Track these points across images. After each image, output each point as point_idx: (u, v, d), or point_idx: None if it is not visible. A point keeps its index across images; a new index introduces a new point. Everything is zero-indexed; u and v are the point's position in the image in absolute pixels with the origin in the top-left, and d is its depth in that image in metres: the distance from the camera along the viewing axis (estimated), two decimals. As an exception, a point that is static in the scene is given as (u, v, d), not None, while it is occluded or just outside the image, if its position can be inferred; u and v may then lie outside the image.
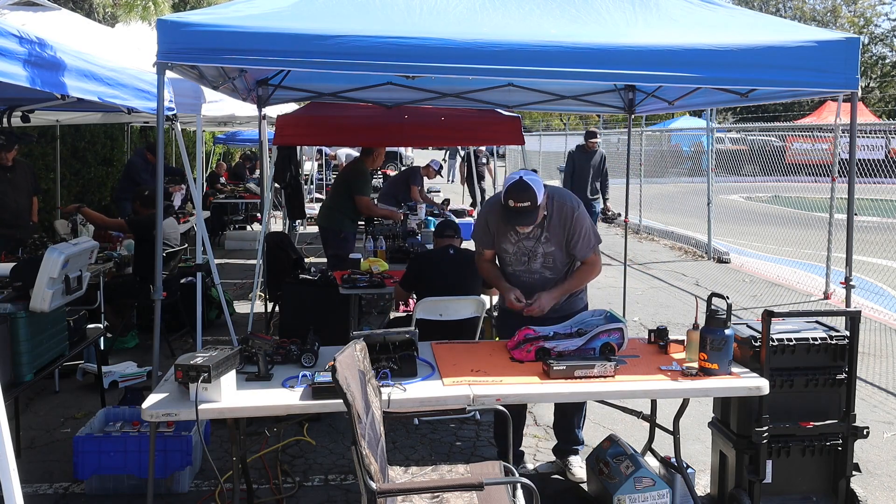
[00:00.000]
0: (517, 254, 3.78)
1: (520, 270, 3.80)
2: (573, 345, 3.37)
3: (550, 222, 3.70)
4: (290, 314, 5.54)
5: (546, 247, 3.73)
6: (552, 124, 33.03)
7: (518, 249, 3.77)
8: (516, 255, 3.78)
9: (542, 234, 3.72)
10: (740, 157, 16.22)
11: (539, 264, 3.76)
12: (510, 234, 3.75)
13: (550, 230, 3.71)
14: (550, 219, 3.70)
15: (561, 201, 3.73)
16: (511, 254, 3.79)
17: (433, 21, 3.42)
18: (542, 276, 3.78)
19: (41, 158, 9.59)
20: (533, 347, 3.37)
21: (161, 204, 3.60)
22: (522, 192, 3.48)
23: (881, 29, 36.98)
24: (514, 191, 3.49)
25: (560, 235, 3.71)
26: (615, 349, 3.41)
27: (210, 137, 17.28)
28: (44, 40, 3.16)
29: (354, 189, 6.81)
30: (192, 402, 2.74)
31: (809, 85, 3.55)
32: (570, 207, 3.72)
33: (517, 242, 3.75)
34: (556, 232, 3.71)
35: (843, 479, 3.58)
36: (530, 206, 3.49)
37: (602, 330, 3.42)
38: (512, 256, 3.80)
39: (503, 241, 3.79)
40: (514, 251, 3.78)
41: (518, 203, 3.48)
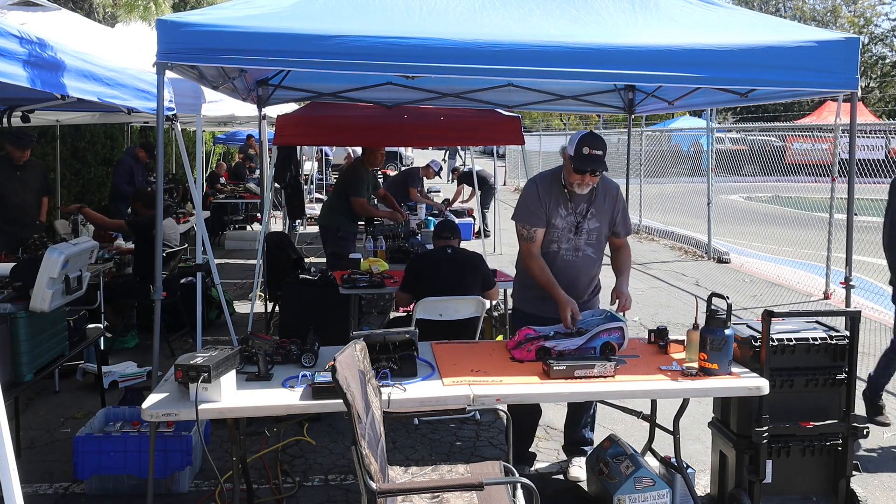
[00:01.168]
0: (565, 229, 3.78)
1: (565, 249, 3.81)
2: (573, 344, 3.38)
3: (597, 198, 3.79)
4: (290, 314, 5.54)
5: (591, 223, 3.80)
6: (552, 124, 33.03)
7: (566, 224, 3.78)
8: (564, 230, 3.79)
9: (588, 211, 3.78)
10: (740, 157, 16.20)
11: (583, 241, 3.81)
12: (560, 207, 3.76)
13: (597, 206, 3.79)
14: (597, 195, 3.79)
15: (606, 180, 3.84)
16: (560, 229, 3.79)
17: (433, 21, 3.42)
18: (584, 254, 3.82)
19: (41, 158, 9.58)
20: (534, 347, 3.37)
21: (161, 204, 3.60)
22: (597, 140, 3.63)
23: (881, 29, 36.99)
24: (589, 138, 3.63)
25: (606, 212, 3.82)
26: (616, 348, 3.42)
27: (210, 137, 17.29)
28: (44, 40, 3.16)
29: (350, 190, 6.83)
30: (192, 402, 2.74)
31: (809, 85, 3.55)
32: (615, 186, 3.89)
33: (566, 216, 3.77)
34: (602, 209, 3.81)
35: (843, 479, 3.58)
36: (603, 153, 3.61)
37: (602, 329, 3.42)
38: (560, 232, 3.79)
39: (554, 216, 3.78)
40: (563, 226, 3.78)
41: (593, 150, 3.58)
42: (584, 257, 3.83)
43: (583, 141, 3.62)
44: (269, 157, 8.56)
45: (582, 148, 3.60)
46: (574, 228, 3.78)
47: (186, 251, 6.96)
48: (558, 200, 3.77)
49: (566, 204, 3.77)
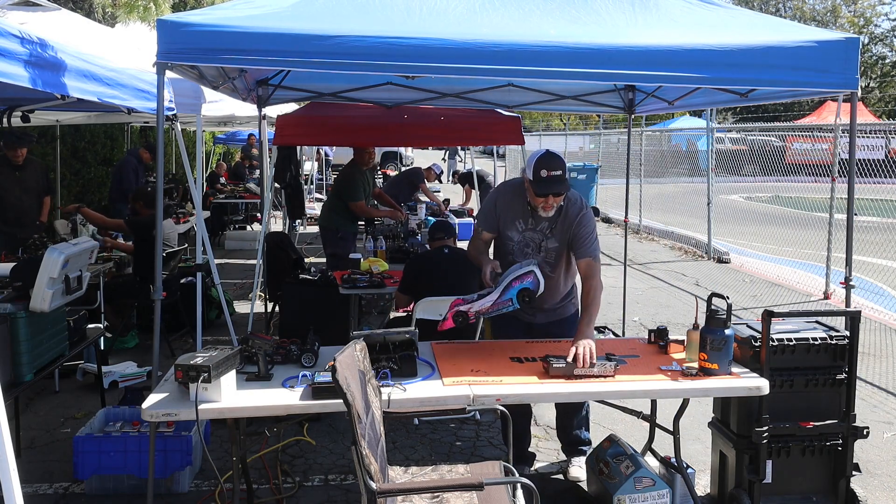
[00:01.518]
0: (521, 244, 3.73)
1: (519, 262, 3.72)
2: (489, 301, 3.30)
3: (561, 218, 3.68)
4: (290, 314, 5.54)
5: (551, 242, 3.71)
6: (552, 124, 33.03)
7: (523, 239, 3.72)
8: (520, 244, 3.73)
9: (549, 228, 3.69)
10: (740, 157, 16.20)
11: (542, 259, 3.72)
12: (518, 221, 3.70)
13: (559, 226, 3.69)
14: (562, 215, 3.68)
15: (571, 198, 3.71)
16: (516, 242, 3.73)
17: (433, 21, 3.42)
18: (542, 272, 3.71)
19: (41, 158, 9.58)
20: (450, 314, 3.31)
21: (161, 204, 3.59)
22: (554, 159, 3.50)
23: (881, 29, 36.99)
24: (545, 160, 3.49)
25: (565, 232, 3.69)
26: (533, 294, 3.30)
27: (210, 137, 17.28)
28: (44, 40, 3.16)
29: (346, 196, 6.83)
30: (192, 402, 2.74)
31: (809, 85, 3.54)
32: (577, 206, 3.71)
33: (523, 232, 3.71)
34: (562, 227, 3.69)
35: (843, 479, 3.58)
36: (562, 174, 3.48)
37: (513, 277, 3.32)
38: (516, 245, 3.74)
39: (509, 229, 3.73)
40: (520, 240, 3.73)
41: (551, 172, 3.46)
42: None
43: (539, 163, 3.48)
44: (269, 157, 8.55)
45: (540, 171, 3.47)
46: (533, 245, 3.71)
47: (186, 251, 6.96)
48: (517, 214, 3.69)
49: (526, 219, 3.69)
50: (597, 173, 16.90)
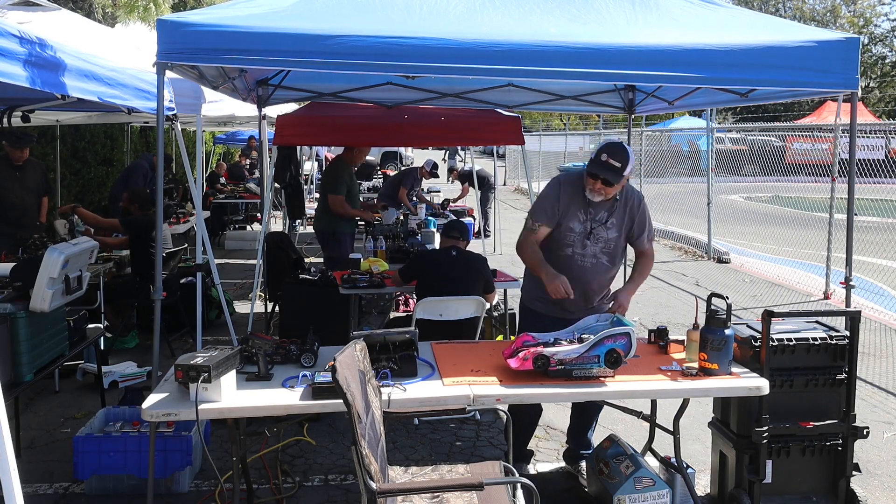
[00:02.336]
0: (581, 234, 3.74)
1: (580, 254, 3.77)
2: (575, 352, 3.12)
3: (618, 209, 3.76)
4: (290, 314, 5.54)
5: (611, 232, 3.76)
6: (552, 124, 33.03)
7: (584, 230, 3.74)
8: (580, 235, 3.74)
9: (608, 219, 3.74)
10: (740, 157, 16.21)
11: (599, 248, 3.76)
12: (580, 211, 3.72)
13: (617, 216, 3.76)
14: (619, 206, 3.76)
15: (630, 190, 3.82)
16: (576, 233, 3.74)
17: (433, 21, 3.42)
18: (598, 261, 3.77)
19: (41, 158, 9.59)
20: (531, 355, 3.12)
21: (161, 204, 3.60)
22: (620, 151, 3.57)
23: (881, 29, 37.01)
24: (611, 148, 3.59)
25: (625, 223, 3.78)
26: (621, 356, 3.13)
27: (210, 137, 17.28)
28: (44, 40, 3.16)
29: (328, 188, 6.80)
30: (192, 402, 2.74)
31: (809, 85, 3.54)
32: (637, 196, 3.85)
33: (584, 222, 3.73)
34: (621, 218, 3.77)
35: (843, 479, 3.58)
36: (621, 167, 3.55)
37: (607, 335, 3.15)
38: (576, 236, 3.74)
39: (571, 220, 3.73)
40: (580, 230, 3.74)
41: (611, 159, 3.54)
42: (598, 265, 3.78)
43: (604, 147, 3.59)
44: (269, 157, 8.55)
45: (601, 154, 3.58)
46: (592, 235, 3.74)
47: (186, 251, 6.96)
48: (578, 204, 3.73)
49: (585, 209, 3.73)
50: (597, 173, 16.84)
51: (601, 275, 3.80)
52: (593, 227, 3.74)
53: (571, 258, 3.77)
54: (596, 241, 3.75)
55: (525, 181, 17.54)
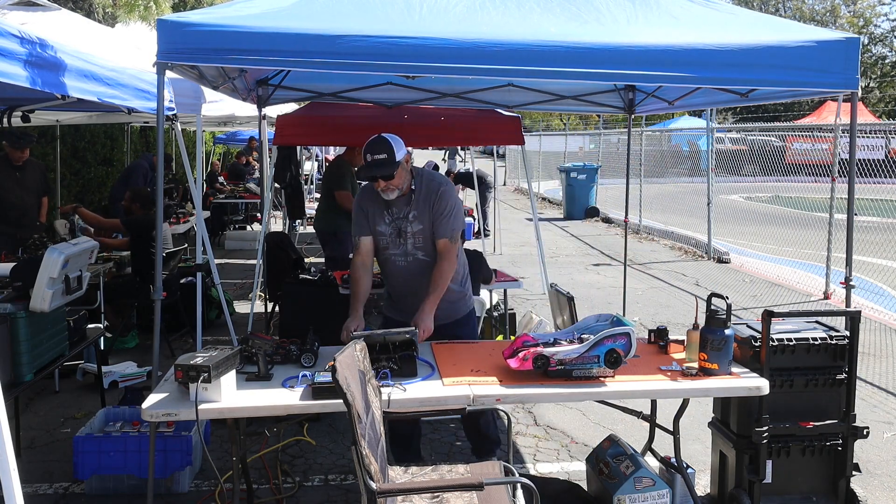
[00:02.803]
0: (391, 234, 3.69)
1: (396, 254, 3.72)
2: (575, 352, 3.13)
3: (418, 198, 3.65)
4: (290, 314, 5.54)
5: (415, 225, 3.66)
6: (552, 124, 33.04)
7: (392, 230, 3.69)
8: (391, 235, 3.69)
9: (409, 212, 3.65)
10: (740, 157, 16.21)
11: (411, 245, 3.69)
12: (384, 213, 3.67)
13: (418, 207, 3.65)
14: (418, 194, 3.65)
15: (430, 177, 3.71)
16: (386, 235, 3.70)
17: (433, 20, 3.42)
18: (415, 258, 3.70)
19: (41, 158, 9.58)
20: (531, 355, 3.13)
21: (161, 204, 3.60)
22: (379, 144, 3.49)
23: (881, 29, 37.01)
24: (370, 145, 3.51)
25: (426, 212, 3.65)
26: (622, 356, 3.14)
27: (210, 137, 17.29)
28: (44, 40, 3.16)
29: (333, 185, 6.82)
30: (192, 402, 2.74)
31: (809, 85, 3.54)
32: (436, 183, 3.69)
33: (391, 223, 3.67)
34: (422, 208, 3.64)
35: (843, 479, 3.58)
36: (387, 157, 3.47)
37: (606, 335, 3.15)
38: (387, 238, 3.70)
39: (378, 222, 3.70)
40: (389, 232, 3.69)
41: (374, 155, 3.48)
42: (415, 261, 3.70)
43: (366, 149, 3.52)
44: (269, 157, 8.56)
45: (364, 156, 3.51)
46: (400, 232, 3.67)
47: (186, 251, 6.96)
48: (378, 206, 3.68)
49: (389, 209, 3.67)
50: (597, 173, 16.91)
51: (422, 271, 3.67)
52: (400, 226, 3.67)
53: (391, 261, 3.74)
54: (406, 238, 3.68)
55: (525, 181, 17.56)
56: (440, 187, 3.67)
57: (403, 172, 3.56)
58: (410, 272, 3.71)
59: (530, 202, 8.57)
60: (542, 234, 7.96)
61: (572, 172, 16.79)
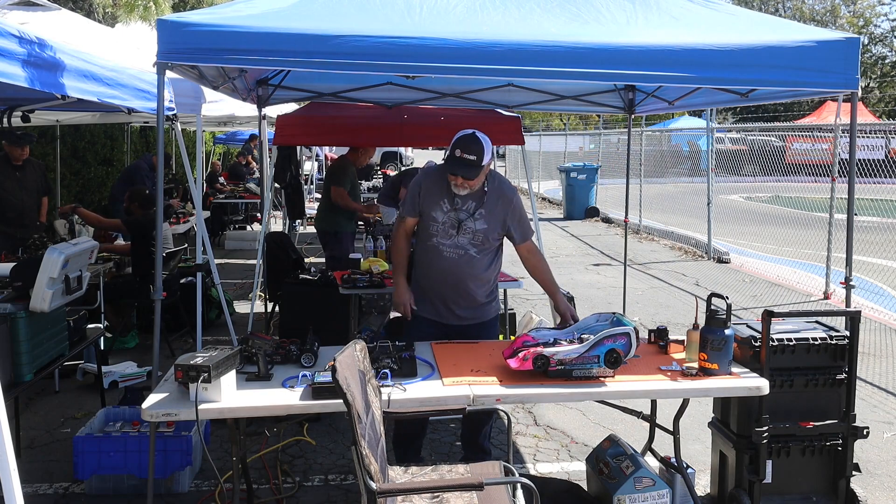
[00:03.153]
0: (446, 224, 3.66)
1: (445, 244, 3.68)
2: (575, 352, 3.12)
3: (488, 199, 3.64)
4: (290, 314, 5.54)
5: (479, 223, 3.65)
6: (552, 124, 33.04)
7: (448, 220, 3.65)
8: (445, 225, 3.66)
9: (476, 210, 3.64)
10: (740, 157, 16.22)
11: (467, 240, 3.67)
12: (443, 201, 3.64)
13: (486, 207, 3.64)
14: (489, 196, 3.65)
15: (501, 181, 3.74)
16: (440, 223, 3.66)
17: (433, 20, 3.42)
18: (466, 252, 3.69)
19: (41, 158, 9.58)
20: (531, 355, 3.12)
21: (161, 204, 3.60)
22: (473, 143, 3.47)
23: (881, 29, 37.02)
24: (464, 141, 3.49)
25: (497, 214, 3.66)
26: (621, 356, 3.13)
27: (210, 137, 17.28)
28: (44, 40, 3.16)
29: (331, 181, 6.83)
30: (192, 402, 2.74)
31: (809, 85, 3.54)
32: (510, 189, 3.75)
33: (448, 212, 3.65)
34: (493, 210, 3.65)
35: (843, 479, 3.58)
36: (476, 160, 3.45)
37: (607, 335, 3.15)
38: (440, 226, 3.66)
39: (434, 209, 3.66)
40: (444, 220, 3.66)
41: (465, 154, 3.45)
42: (466, 256, 3.68)
43: (457, 143, 3.50)
44: (269, 157, 8.55)
45: (454, 150, 3.50)
46: (457, 226, 3.64)
47: (186, 251, 6.96)
48: (440, 194, 3.64)
49: (451, 199, 3.63)
50: (597, 173, 16.91)
51: (471, 268, 3.68)
52: (460, 218, 3.65)
53: (437, 249, 3.71)
54: (462, 232, 3.66)
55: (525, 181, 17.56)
56: (515, 193, 3.77)
57: (483, 175, 3.58)
58: (457, 265, 3.70)
59: (530, 202, 8.56)
60: (543, 233, 7.95)
61: (572, 172, 16.79)
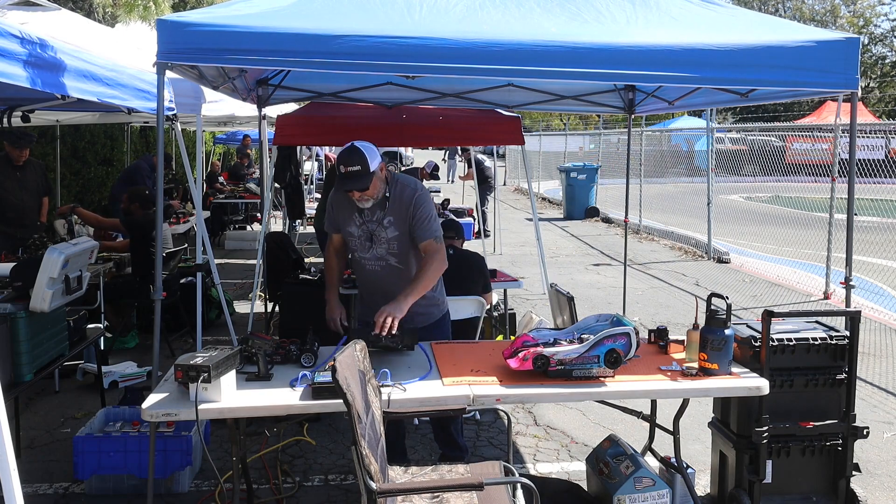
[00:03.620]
0: (361, 238, 3.64)
1: (365, 258, 3.66)
2: (575, 352, 3.12)
3: (391, 205, 3.59)
4: (290, 314, 5.54)
5: (390, 231, 3.61)
6: (552, 124, 33.04)
7: (363, 233, 3.63)
8: (361, 238, 3.65)
9: (384, 218, 3.60)
10: (740, 157, 16.22)
11: (384, 250, 3.64)
12: (354, 215, 3.62)
13: (393, 213, 3.57)
14: (392, 201, 3.59)
15: (403, 183, 3.64)
16: (356, 237, 3.66)
17: (433, 19, 3.42)
18: (387, 263, 3.65)
19: (41, 158, 9.58)
20: (530, 355, 3.12)
21: (161, 204, 3.59)
22: (352, 155, 3.41)
23: (881, 29, 37.02)
24: (344, 156, 3.43)
25: (402, 218, 3.60)
26: (621, 356, 3.13)
27: (210, 137, 17.29)
28: (44, 40, 3.16)
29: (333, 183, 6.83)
30: (192, 402, 2.74)
31: (809, 85, 3.54)
32: (411, 189, 3.62)
33: (361, 225, 3.62)
34: (398, 214, 3.57)
35: (843, 479, 3.58)
36: (361, 169, 3.40)
37: (607, 335, 3.15)
38: (357, 241, 3.66)
39: (348, 224, 3.66)
40: (359, 234, 3.64)
41: (348, 167, 3.40)
42: (387, 267, 3.65)
43: (338, 159, 3.45)
44: (269, 157, 8.55)
45: (339, 167, 3.44)
46: (372, 237, 3.62)
47: (186, 251, 6.96)
48: (353, 208, 3.61)
49: (360, 212, 3.60)
50: (597, 173, 16.92)
51: (395, 278, 3.63)
52: (372, 230, 3.61)
53: (360, 263, 3.71)
54: (378, 243, 3.63)
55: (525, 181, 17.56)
56: (415, 193, 3.60)
57: (378, 182, 3.49)
58: (381, 277, 3.67)
59: (530, 202, 8.57)
60: (542, 234, 7.96)
61: (572, 172, 16.79)
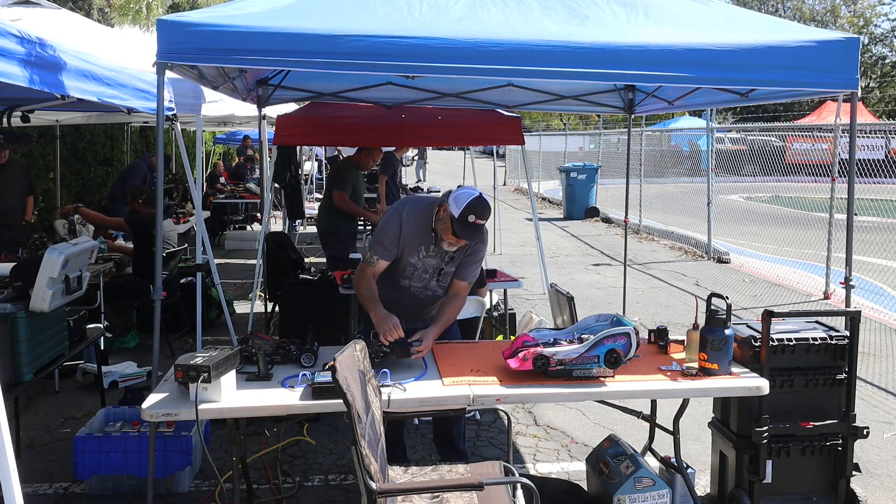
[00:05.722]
0: (421, 269, 3.62)
1: (417, 286, 3.67)
2: (575, 352, 3.13)
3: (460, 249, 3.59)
4: (290, 314, 5.54)
5: (449, 266, 3.64)
6: (552, 124, 33.03)
7: (423, 265, 3.61)
8: (419, 270, 3.62)
9: (448, 255, 3.60)
10: (740, 157, 16.22)
11: (437, 283, 3.67)
12: (422, 247, 3.56)
13: (458, 252, 3.61)
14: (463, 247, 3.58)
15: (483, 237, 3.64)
16: (416, 268, 3.61)
17: (433, 20, 3.41)
18: (434, 294, 3.70)
19: (41, 158, 9.59)
20: (530, 355, 3.13)
21: (161, 204, 3.59)
22: (485, 208, 3.38)
23: (881, 29, 36.99)
24: (477, 207, 3.36)
25: (460, 258, 3.63)
26: (621, 356, 3.14)
27: (210, 137, 17.28)
28: (43, 40, 3.16)
29: (333, 184, 6.83)
30: (192, 402, 2.74)
31: (809, 85, 3.54)
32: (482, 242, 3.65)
33: (424, 258, 3.59)
34: (461, 254, 3.62)
35: (843, 479, 3.58)
36: (484, 223, 3.42)
37: (607, 335, 3.16)
38: (415, 271, 3.62)
39: (412, 256, 3.58)
40: (420, 266, 3.61)
41: (479, 220, 3.37)
42: (433, 297, 3.72)
43: (470, 208, 3.34)
44: (269, 157, 8.55)
45: (468, 215, 3.34)
46: (436, 273, 3.63)
47: (186, 251, 6.96)
48: (421, 241, 3.55)
49: (428, 246, 3.56)
50: (597, 173, 16.91)
51: (434, 300, 3.73)
52: (440, 267, 3.62)
53: (408, 290, 3.68)
54: (434, 276, 3.65)
55: (525, 181, 17.56)
56: (483, 246, 3.67)
57: None
58: (421, 301, 3.72)
59: (530, 202, 8.57)
60: (542, 234, 7.96)
61: (572, 172, 16.79)
